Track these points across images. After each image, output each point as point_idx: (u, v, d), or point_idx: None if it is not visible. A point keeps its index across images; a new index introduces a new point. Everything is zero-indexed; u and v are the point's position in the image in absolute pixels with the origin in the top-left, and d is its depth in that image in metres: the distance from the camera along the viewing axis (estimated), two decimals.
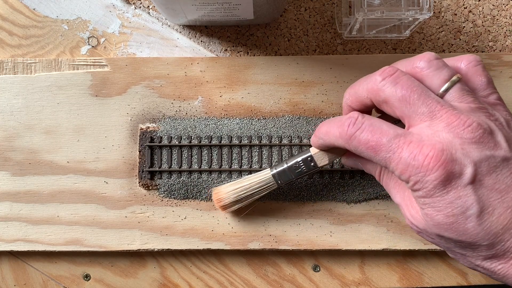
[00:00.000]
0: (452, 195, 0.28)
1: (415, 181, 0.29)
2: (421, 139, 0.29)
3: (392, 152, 0.29)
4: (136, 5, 0.45)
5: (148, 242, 0.42)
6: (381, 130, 0.30)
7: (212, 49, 0.45)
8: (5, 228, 0.43)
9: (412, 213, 0.31)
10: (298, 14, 0.45)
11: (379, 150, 0.30)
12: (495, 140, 0.28)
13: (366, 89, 0.32)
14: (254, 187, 0.39)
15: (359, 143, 0.31)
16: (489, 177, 0.28)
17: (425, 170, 0.28)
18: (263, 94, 0.43)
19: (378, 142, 0.30)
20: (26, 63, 0.43)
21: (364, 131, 0.31)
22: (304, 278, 0.44)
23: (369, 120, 0.31)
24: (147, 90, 0.43)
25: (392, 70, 0.31)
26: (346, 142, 0.32)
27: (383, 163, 0.30)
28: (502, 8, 0.45)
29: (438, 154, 0.28)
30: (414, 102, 0.29)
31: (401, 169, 0.29)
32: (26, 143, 0.43)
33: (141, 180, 0.42)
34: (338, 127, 0.32)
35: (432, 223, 0.29)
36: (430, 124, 0.29)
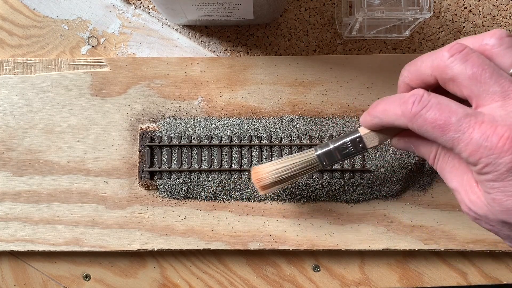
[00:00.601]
0: None
1: (486, 163, 0.27)
2: (494, 119, 0.27)
3: (462, 132, 0.28)
4: (136, 5, 0.45)
5: (148, 242, 0.42)
6: (450, 109, 0.28)
7: (212, 49, 0.45)
8: (5, 228, 0.43)
9: (472, 198, 0.29)
10: (298, 14, 0.45)
11: (447, 130, 0.28)
12: None
13: (431, 65, 0.30)
14: (297, 168, 0.37)
15: (425, 121, 0.29)
16: None
17: (498, 152, 0.26)
18: (263, 94, 0.43)
19: (447, 121, 0.28)
20: (26, 63, 0.43)
21: (431, 109, 0.29)
22: (304, 278, 0.44)
23: (436, 98, 0.29)
24: (147, 90, 0.43)
25: (461, 47, 0.29)
26: (409, 121, 0.30)
27: (449, 144, 0.28)
28: (502, 8, 0.45)
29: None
30: (486, 81, 0.28)
31: (470, 150, 0.27)
32: (26, 143, 0.43)
33: (141, 180, 0.42)
34: (400, 105, 0.30)
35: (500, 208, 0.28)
36: (502, 105, 0.28)
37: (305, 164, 0.37)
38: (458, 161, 0.30)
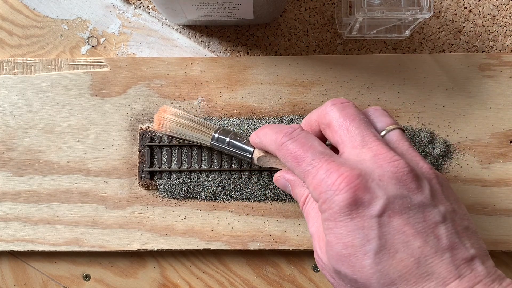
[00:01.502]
0: (356, 224, 0.27)
1: (324, 200, 0.28)
2: (344, 162, 0.29)
3: (312, 166, 0.29)
4: (136, 5, 0.45)
5: (148, 242, 0.42)
6: (311, 145, 0.30)
7: (212, 49, 0.45)
8: (5, 228, 0.43)
9: (321, 245, 0.30)
10: (298, 14, 0.45)
11: (301, 162, 0.30)
12: (418, 184, 0.28)
13: (317, 112, 0.33)
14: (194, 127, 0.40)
15: (287, 151, 0.31)
16: (400, 217, 0.26)
17: (335, 189, 0.27)
18: (263, 94, 0.43)
19: (303, 154, 0.30)
20: (26, 63, 0.43)
21: (295, 142, 0.31)
22: (304, 278, 0.44)
23: (305, 134, 0.31)
24: (147, 90, 0.43)
25: (344, 100, 0.32)
26: (277, 148, 0.32)
27: (302, 176, 0.30)
28: (502, 8, 0.45)
29: (352, 177, 0.27)
30: (352, 130, 0.30)
31: (314, 184, 0.28)
32: (26, 143, 0.43)
33: (141, 180, 0.42)
34: (276, 133, 0.32)
35: (332, 253, 0.28)
36: (359, 152, 0.29)
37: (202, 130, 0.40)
38: None
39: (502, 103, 0.43)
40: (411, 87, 0.43)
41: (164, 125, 0.40)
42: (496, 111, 0.43)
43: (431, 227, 0.27)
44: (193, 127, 0.40)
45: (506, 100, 0.43)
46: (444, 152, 0.42)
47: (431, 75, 0.43)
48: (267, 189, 0.42)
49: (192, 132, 0.40)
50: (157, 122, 0.41)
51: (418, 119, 0.43)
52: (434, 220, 0.27)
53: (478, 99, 0.43)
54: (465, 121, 0.43)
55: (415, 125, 0.43)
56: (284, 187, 0.36)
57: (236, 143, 0.39)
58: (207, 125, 0.40)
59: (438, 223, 0.27)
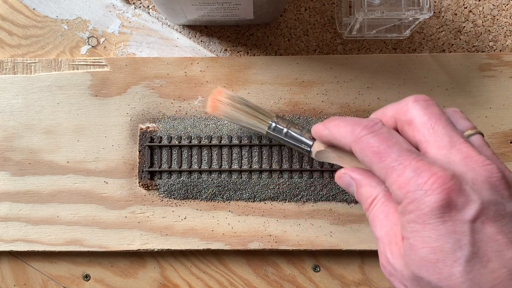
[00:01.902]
0: (447, 228, 0.25)
1: (412, 200, 0.26)
2: (434, 162, 0.27)
3: (399, 162, 0.27)
4: (136, 5, 0.45)
5: (148, 242, 0.42)
6: (396, 140, 0.28)
7: (212, 49, 0.45)
8: (5, 228, 0.43)
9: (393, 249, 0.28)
10: (298, 14, 0.45)
11: (385, 158, 0.28)
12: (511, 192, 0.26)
13: (395, 108, 0.31)
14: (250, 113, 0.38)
15: (367, 145, 0.29)
16: (494, 224, 0.25)
17: (426, 189, 0.25)
18: (263, 94, 0.43)
19: (388, 150, 0.28)
20: (26, 63, 0.43)
21: (377, 136, 0.29)
22: (304, 278, 0.44)
23: (389, 129, 0.29)
24: (147, 90, 0.43)
25: (426, 97, 0.30)
26: (354, 141, 0.30)
27: (383, 172, 0.28)
28: (502, 8, 0.45)
29: (446, 178, 0.25)
30: (438, 129, 0.28)
31: (400, 182, 0.27)
32: (26, 143, 0.43)
33: (141, 180, 0.42)
34: (353, 124, 0.30)
35: (414, 257, 0.26)
36: (447, 154, 0.27)
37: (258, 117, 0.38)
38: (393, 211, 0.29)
39: (502, 103, 0.43)
40: (411, 87, 0.43)
41: (218, 108, 0.39)
42: (496, 111, 0.43)
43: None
44: (249, 113, 0.38)
45: (506, 100, 0.43)
46: None
47: (431, 75, 0.43)
48: (267, 189, 0.42)
49: (248, 118, 0.38)
50: (211, 104, 0.39)
51: None
52: None
53: (478, 99, 0.43)
54: None
55: None
56: (347, 186, 0.33)
57: (294, 134, 0.37)
58: (264, 112, 0.39)
59: None
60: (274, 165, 0.42)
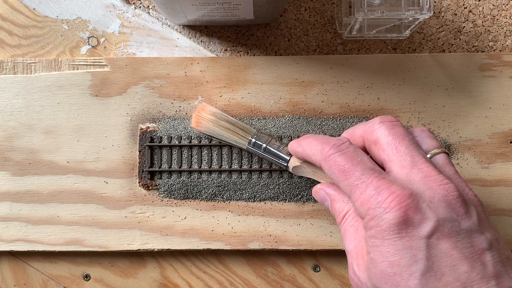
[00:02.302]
0: (404, 243, 0.27)
1: (372, 216, 0.28)
2: (395, 180, 0.28)
3: (362, 181, 0.29)
4: (136, 5, 0.45)
5: (148, 242, 0.42)
6: (361, 159, 0.30)
7: (212, 49, 0.45)
8: (5, 228, 0.43)
9: (359, 263, 0.30)
10: (298, 14, 0.45)
11: (350, 176, 0.30)
12: (467, 209, 0.28)
13: (363, 128, 0.33)
14: (232, 128, 0.40)
15: (335, 163, 0.31)
16: (448, 240, 0.26)
17: (385, 206, 0.27)
18: (263, 94, 0.43)
19: (352, 168, 0.30)
20: (26, 63, 0.43)
21: (344, 154, 0.31)
22: (304, 278, 0.44)
23: (355, 148, 0.31)
24: (147, 90, 0.43)
25: (392, 119, 0.32)
26: (323, 159, 0.32)
27: (348, 190, 0.30)
28: (502, 8, 0.45)
29: (404, 196, 0.27)
30: (401, 149, 0.30)
31: (362, 200, 0.28)
32: (26, 143, 0.43)
33: (141, 180, 0.42)
34: (322, 143, 0.32)
35: (375, 270, 0.28)
36: (408, 173, 0.29)
37: (239, 133, 0.40)
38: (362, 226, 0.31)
39: (502, 103, 0.43)
40: (411, 87, 0.43)
41: (201, 124, 0.41)
42: (496, 111, 0.43)
43: (478, 253, 0.27)
44: (230, 129, 0.40)
45: (506, 100, 0.43)
46: None
47: (431, 75, 0.43)
48: (267, 189, 0.42)
49: (229, 134, 0.40)
50: (195, 120, 0.41)
51: (418, 119, 0.43)
52: (481, 246, 0.27)
53: (478, 99, 0.43)
54: (465, 121, 0.43)
55: (415, 125, 0.43)
56: (322, 200, 0.36)
57: (272, 149, 0.39)
58: (245, 128, 0.40)
59: (484, 249, 0.27)
60: (274, 165, 0.42)
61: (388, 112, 0.43)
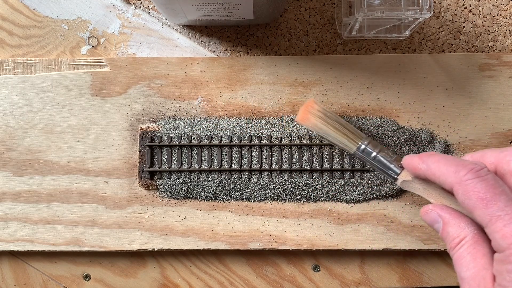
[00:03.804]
0: None
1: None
2: None
3: (505, 213, 0.28)
4: (136, 5, 0.45)
5: (148, 242, 0.42)
6: (503, 190, 0.29)
7: (212, 49, 0.45)
8: (5, 228, 0.43)
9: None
10: (298, 14, 0.45)
11: (491, 205, 0.28)
12: None
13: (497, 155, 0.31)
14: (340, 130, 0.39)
15: (473, 189, 0.29)
16: None
17: None
18: (263, 94, 0.43)
19: (494, 197, 0.28)
20: (26, 63, 0.43)
21: (484, 182, 0.29)
22: (304, 278, 0.44)
23: (495, 177, 0.30)
24: (147, 90, 0.43)
25: None
26: (458, 182, 0.30)
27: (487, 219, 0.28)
28: (502, 8, 0.45)
29: None
30: None
31: (505, 232, 0.27)
32: (26, 143, 0.43)
33: (141, 180, 0.42)
34: (457, 165, 0.30)
35: None
36: None
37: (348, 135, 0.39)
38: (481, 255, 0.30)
39: (502, 103, 0.43)
40: (411, 87, 0.43)
41: (308, 120, 0.40)
42: (496, 111, 0.43)
43: None
44: (339, 130, 0.39)
45: (506, 100, 0.43)
46: (444, 152, 0.42)
47: (431, 75, 0.43)
48: (267, 189, 0.42)
49: (337, 134, 0.39)
50: (302, 114, 0.40)
51: (418, 119, 0.43)
52: None
53: (478, 99, 0.43)
54: (465, 121, 0.43)
55: (415, 125, 0.43)
56: (433, 222, 0.34)
57: (382, 159, 0.38)
58: (355, 132, 0.39)
59: None
60: (274, 165, 0.42)
61: (387, 112, 0.43)
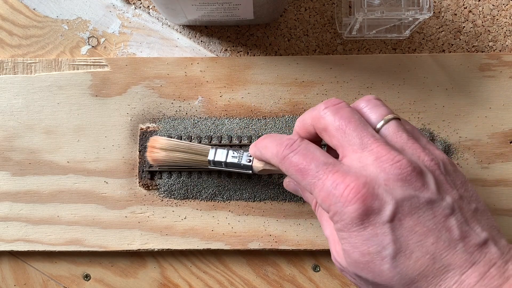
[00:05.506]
0: (369, 232, 0.27)
1: (334, 212, 0.28)
2: (349, 170, 0.28)
3: (317, 178, 0.29)
4: (136, 5, 0.45)
5: (148, 242, 0.42)
6: (313, 156, 0.30)
7: (212, 49, 0.45)
8: (5, 228, 0.43)
9: (337, 249, 0.30)
10: (298, 14, 0.45)
11: (306, 175, 0.29)
12: (424, 181, 0.28)
13: (311, 115, 0.32)
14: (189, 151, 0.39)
15: (290, 164, 0.30)
16: (410, 218, 0.27)
17: (343, 201, 0.27)
18: (263, 94, 0.43)
19: (307, 166, 0.29)
20: (26, 63, 0.43)
21: (297, 154, 0.30)
22: (304, 278, 0.44)
23: (305, 144, 0.31)
24: (147, 90, 0.43)
25: (336, 101, 0.31)
26: (280, 162, 0.31)
27: (308, 188, 0.30)
28: (502, 8, 0.45)
29: (359, 186, 0.27)
30: (349, 132, 0.29)
31: (322, 197, 0.28)
32: (26, 143, 0.43)
33: (141, 180, 0.42)
34: (276, 145, 0.32)
35: (350, 260, 0.28)
36: (360, 157, 0.29)
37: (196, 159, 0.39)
38: None
39: (502, 103, 0.43)
40: (411, 87, 0.43)
41: (157, 160, 0.40)
42: (496, 111, 0.43)
43: (441, 222, 0.27)
44: (186, 159, 0.39)
45: (506, 100, 0.43)
46: (444, 152, 0.42)
47: (431, 75, 0.43)
48: (267, 189, 0.42)
49: (186, 162, 0.40)
50: (149, 158, 0.40)
51: (418, 119, 0.43)
52: (443, 213, 0.27)
53: (478, 99, 0.43)
54: (465, 121, 0.43)
55: (415, 125, 0.43)
56: (295, 191, 0.36)
57: (233, 161, 0.38)
58: (200, 151, 0.39)
59: (447, 215, 0.27)
60: None
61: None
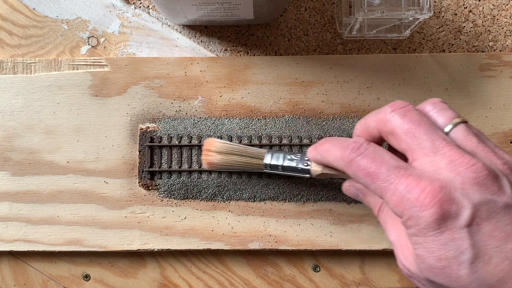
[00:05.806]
0: (446, 237, 0.26)
1: (409, 217, 0.27)
2: (422, 174, 0.28)
3: (389, 182, 0.28)
4: (136, 5, 0.45)
5: (148, 242, 0.42)
6: (383, 159, 0.29)
7: (212, 49, 0.45)
8: (5, 228, 0.43)
9: (406, 254, 0.30)
10: (298, 14, 0.45)
11: (376, 178, 0.29)
12: (499, 185, 0.27)
13: (375, 119, 0.31)
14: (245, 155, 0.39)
15: (358, 168, 0.30)
16: (488, 222, 0.26)
17: (419, 205, 0.27)
18: (263, 94, 0.43)
19: (377, 170, 0.29)
20: (26, 63, 0.43)
21: (365, 157, 0.30)
22: (304, 278, 0.44)
23: (373, 148, 0.30)
24: (147, 90, 0.43)
25: (403, 104, 0.30)
26: (346, 166, 0.31)
27: (378, 192, 0.29)
28: (502, 8, 0.45)
29: (435, 190, 0.26)
30: (420, 136, 0.29)
31: (395, 201, 0.28)
32: (26, 143, 0.43)
33: (141, 180, 0.42)
34: (341, 149, 0.31)
35: (424, 265, 0.28)
36: (432, 160, 0.28)
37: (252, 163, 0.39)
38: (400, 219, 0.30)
39: (502, 103, 0.43)
40: (411, 87, 0.43)
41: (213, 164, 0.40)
42: (496, 111, 0.43)
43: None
44: (242, 162, 0.39)
45: (506, 100, 0.43)
46: None
47: (431, 75, 0.43)
48: (267, 189, 0.42)
49: (241, 166, 0.39)
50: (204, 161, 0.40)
51: None
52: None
53: (478, 99, 0.43)
54: None
55: None
56: (355, 196, 0.35)
57: (291, 165, 0.38)
58: (255, 154, 0.39)
59: None
60: None
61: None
